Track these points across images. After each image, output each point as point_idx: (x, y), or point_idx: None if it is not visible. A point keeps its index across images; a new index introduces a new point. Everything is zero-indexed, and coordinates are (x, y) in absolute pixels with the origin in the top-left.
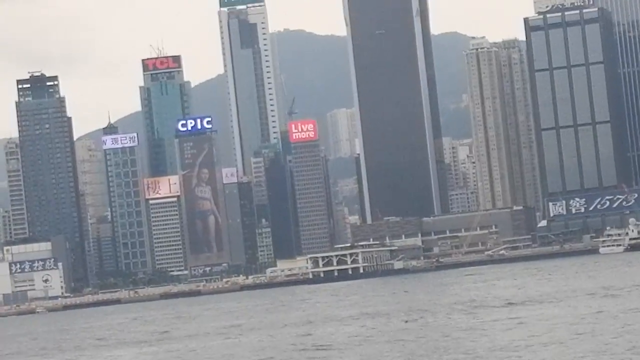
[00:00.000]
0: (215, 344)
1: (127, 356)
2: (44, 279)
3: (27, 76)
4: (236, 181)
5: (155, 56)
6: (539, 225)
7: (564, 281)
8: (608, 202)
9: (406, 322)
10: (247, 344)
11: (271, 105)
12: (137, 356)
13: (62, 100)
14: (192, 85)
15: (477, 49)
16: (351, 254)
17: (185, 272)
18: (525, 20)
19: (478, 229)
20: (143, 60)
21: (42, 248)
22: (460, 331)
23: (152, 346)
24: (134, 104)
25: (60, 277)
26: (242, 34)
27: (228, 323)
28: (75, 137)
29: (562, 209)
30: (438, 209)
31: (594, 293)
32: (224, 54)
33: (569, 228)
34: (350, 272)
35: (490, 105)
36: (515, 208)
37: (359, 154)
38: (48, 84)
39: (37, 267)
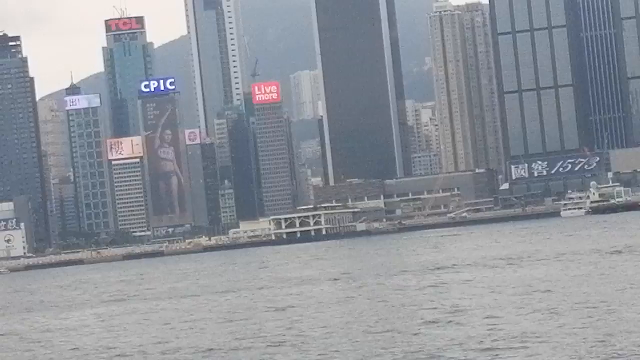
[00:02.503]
0: (184, 305)
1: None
2: (6, 239)
3: None
4: (199, 142)
5: (118, 17)
6: (501, 188)
7: (523, 244)
8: (570, 166)
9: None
10: (218, 306)
11: (234, 66)
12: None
13: (24, 61)
14: (155, 46)
15: (440, 12)
16: (314, 216)
17: (148, 232)
18: None
19: (440, 191)
20: (106, 20)
21: (4, 208)
22: (418, 290)
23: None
24: (97, 65)
25: (23, 237)
26: None
27: (193, 283)
28: (37, 98)
29: (524, 171)
30: (401, 172)
31: (553, 256)
32: (187, 15)
33: (530, 191)
34: (312, 233)
35: (453, 68)
36: (477, 171)
37: (322, 116)
38: (10, 43)
39: None
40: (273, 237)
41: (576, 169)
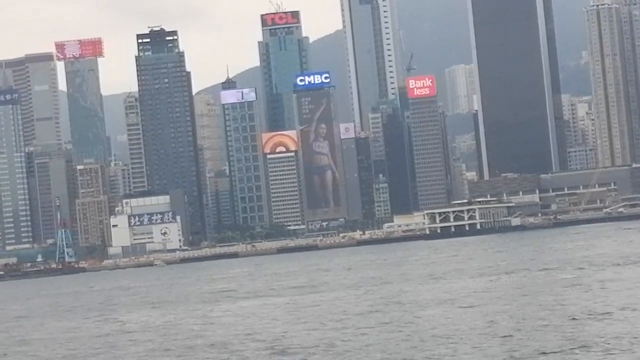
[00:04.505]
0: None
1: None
2: (163, 231)
3: (147, 31)
4: (354, 136)
5: (274, 11)
6: None
7: None
8: None
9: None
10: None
11: (389, 60)
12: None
13: (181, 55)
14: (311, 40)
15: (597, 5)
16: (468, 210)
17: (302, 226)
18: None
19: (596, 186)
20: (262, 15)
21: (160, 201)
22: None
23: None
24: (253, 59)
25: (179, 230)
26: None
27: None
28: (194, 92)
29: None
30: (556, 166)
31: None
32: (342, 9)
33: None
34: (467, 228)
35: (610, 62)
36: (634, 165)
37: (477, 110)
38: (167, 38)
39: (156, 220)
40: (427, 232)
41: None
